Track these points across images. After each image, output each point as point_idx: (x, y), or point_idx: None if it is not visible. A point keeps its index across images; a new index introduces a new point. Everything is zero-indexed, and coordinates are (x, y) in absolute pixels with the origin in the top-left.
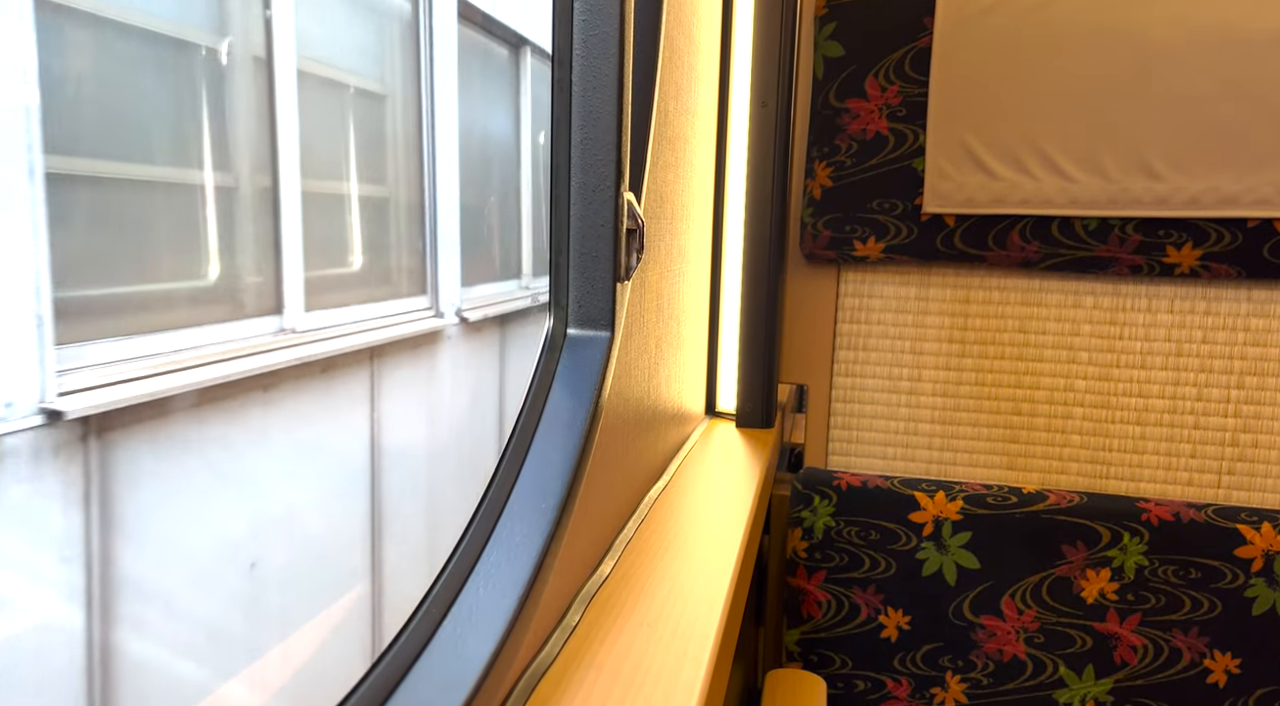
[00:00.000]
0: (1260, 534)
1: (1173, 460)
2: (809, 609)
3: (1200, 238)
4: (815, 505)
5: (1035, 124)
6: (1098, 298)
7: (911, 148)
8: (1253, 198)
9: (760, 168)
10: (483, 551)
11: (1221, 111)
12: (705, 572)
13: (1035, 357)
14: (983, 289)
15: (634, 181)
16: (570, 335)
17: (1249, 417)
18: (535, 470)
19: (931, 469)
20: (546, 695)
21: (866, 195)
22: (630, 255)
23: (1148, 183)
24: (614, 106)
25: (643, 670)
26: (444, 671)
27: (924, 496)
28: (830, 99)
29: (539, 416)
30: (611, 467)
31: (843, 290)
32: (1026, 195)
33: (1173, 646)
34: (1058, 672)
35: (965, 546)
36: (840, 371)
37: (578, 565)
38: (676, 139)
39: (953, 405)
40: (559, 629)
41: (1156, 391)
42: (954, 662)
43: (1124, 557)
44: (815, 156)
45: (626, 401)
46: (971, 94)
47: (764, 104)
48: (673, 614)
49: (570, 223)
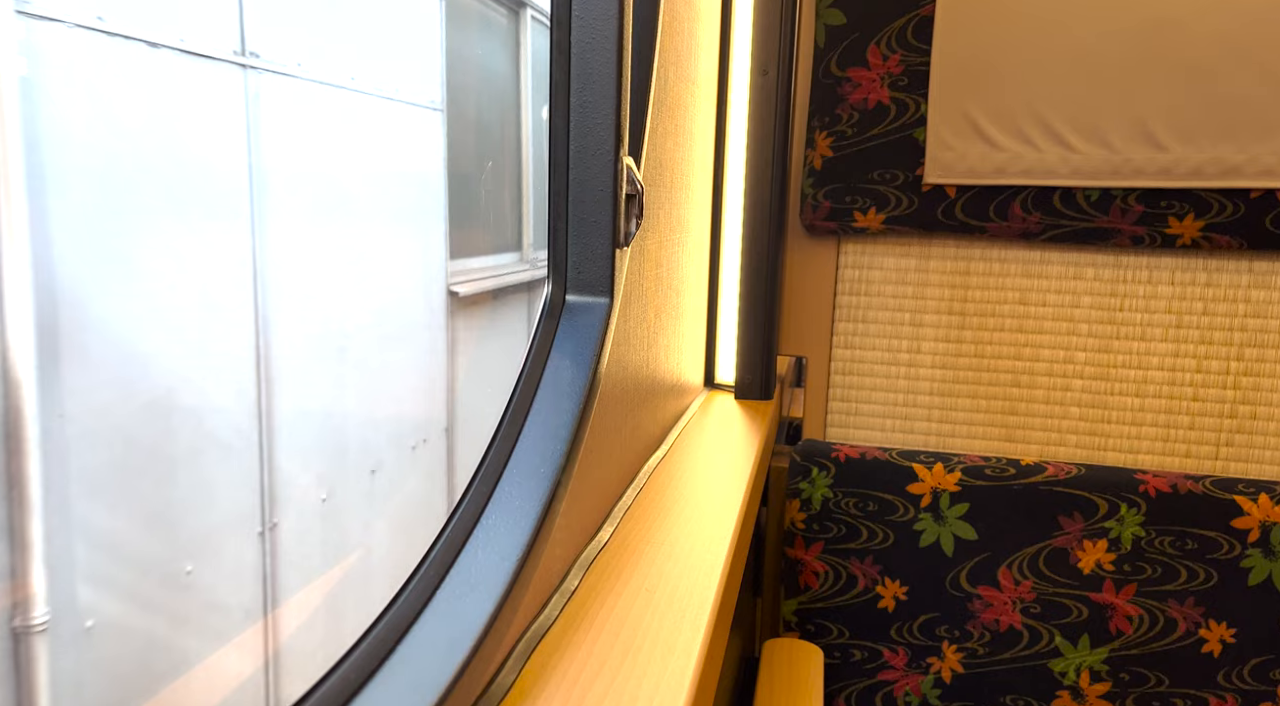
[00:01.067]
0: (1257, 505)
1: (1171, 432)
2: (806, 579)
3: (1202, 208)
4: (814, 476)
5: (1038, 93)
6: (1098, 269)
7: (913, 117)
8: (1256, 168)
9: (760, 137)
10: (482, 514)
11: (1226, 80)
12: (704, 541)
13: (1035, 329)
14: (983, 261)
15: (633, 147)
16: (569, 301)
17: (1248, 390)
18: (534, 435)
19: (930, 441)
20: (545, 657)
21: (867, 165)
22: (630, 221)
23: (1151, 153)
24: (613, 69)
25: (641, 634)
26: (443, 632)
27: (922, 468)
28: (831, 68)
29: (538, 381)
30: (610, 435)
31: (843, 262)
32: (1028, 165)
33: (1168, 616)
34: (1053, 642)
35: (963, 517)
36: (839, 343)
37: (576, 530)
38: (676, 106)
39: (952, 377)
40: (558, 593)
41: (1156, 363)
42: (950, 632)
43: (1121, 528)
44: (816, 126)
45: (625, 369)
46: (974, 63)
47: (764, 72)
48: (671, 580)
49: (569, 188)
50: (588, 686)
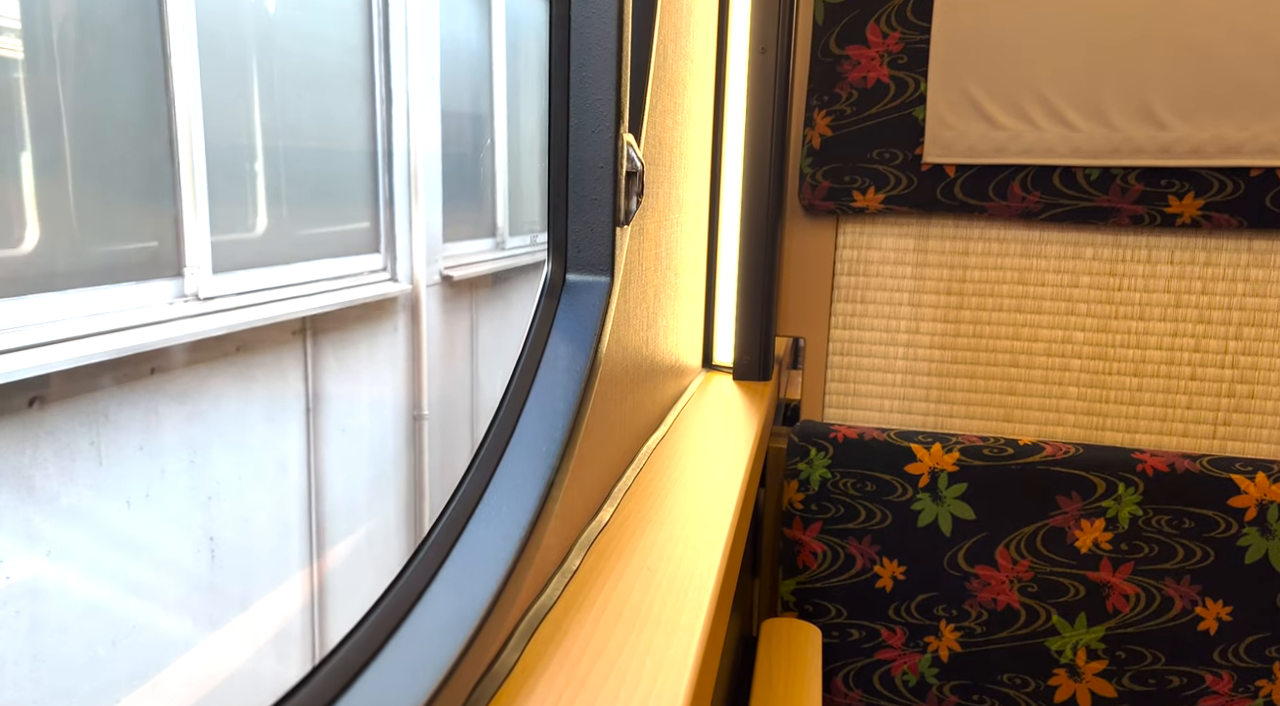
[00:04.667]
0: (1254, 483)
1: (1169, 411)
2: (805, 559)
3: (1202, 187)
4: (812, 457)
5: (1039, 71)
6: (1097, 249)
7: (912, 96)
8: (1257, 146)
9: (759, 116)
10: (484, 493)
11: (1227, 57)
12: (704, 520)
13: (1034, 309)
14: (982, 241)
15: (633, 124)
16: (569, 280)
17: (1246, 369)
18: (535, 414)
19: (928, 421)
20: (548, 635)
21: (866, 145)
22: (630, 199)
23: (1151, 131)
24: (613, 43)
25: (643, 613)
26: (447, 610)
27: (920, 448)
28: (831, 46)
29: (538, 361)
30: (610, 415)
31: (841, 242)
32: (1028, 144)
33: (1164, 594)
34: (1050, 621)
35: (961, 497)
36: (838, 324)
37: (578, 510)
38: (675, 84)
39: (950, 357)
40: (560, 572)
41: (1154, 343)
42: (948, 612)
43: (1118, 508)
44: (815, 105)
45: (625, 349)
46: (974, 41)
47: (763, 50)
48: (672, 559)
49: (569, 165)
50: (591, 664)
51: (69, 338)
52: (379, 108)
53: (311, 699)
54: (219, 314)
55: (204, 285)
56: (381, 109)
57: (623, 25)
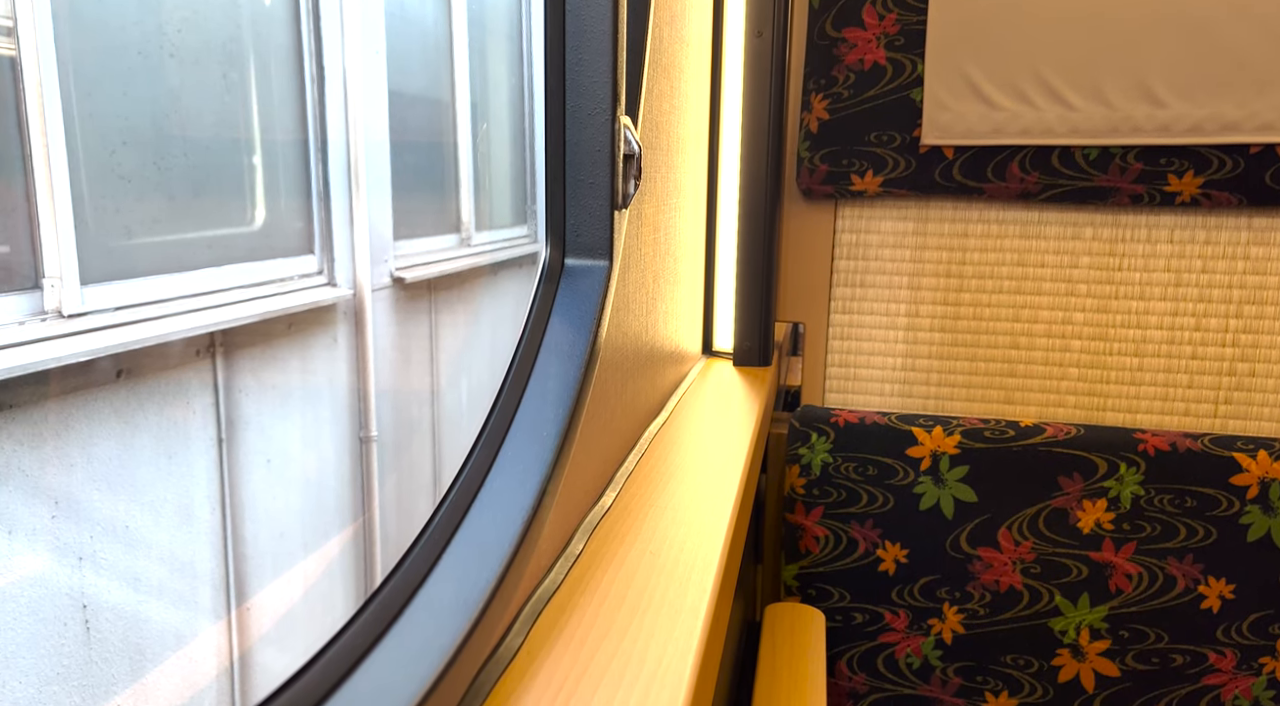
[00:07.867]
0: (1256, 461)
1: (1170, 391)
2: (807, 544)
3: (1202, 165)
4: (813, 442)
5: (1036, 51)
6: (1097, 229)
7: (910, 78)
8: (1255, 123)
9: (756, 100)
10: (485, 479)
11: (1225, 35)
12: (706, 505)
13: (1034, 291)
14: (981, 222)
15: (630, 107)
16: (568, 265)
17: (1246, 347)
18: (535, 400)
19: (929, 405)
20: (552, 619)
21: (864, 127)
22: (628, 182)
23: (1150, 109)
24: (609, 24)
25: (647, 597)
26: (451, 595)
27: (921, 431)
28: (827, 28)
29: (538, 346)
30: (611, 401)
31: (840, 226)
32: (1026, 125)
33: (1167, 573)
34: (1053, 601)
35: (963, 480)
36: (837, 308)
37: (579, 495)
38: (671, 67)
39: (951, 340)
40: (562, 557)
41: (1155, 322)
42: (951, 594)
43: (1120, 488)
44: (812, 88)
45: (625, 335)
46: (971, 21)
47: (759, 33)
48: (675, 544)
49: (566, 148)
50: (595, 648)
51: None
52: (309, 88)
53: (316, 683)
54: (88, 334)
55: (69, 300)
56: (312, 89)
57: (618, 8)
